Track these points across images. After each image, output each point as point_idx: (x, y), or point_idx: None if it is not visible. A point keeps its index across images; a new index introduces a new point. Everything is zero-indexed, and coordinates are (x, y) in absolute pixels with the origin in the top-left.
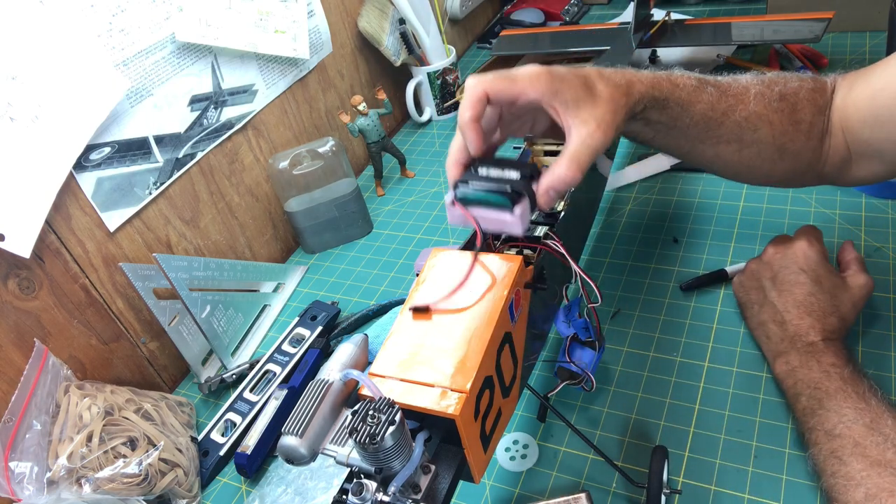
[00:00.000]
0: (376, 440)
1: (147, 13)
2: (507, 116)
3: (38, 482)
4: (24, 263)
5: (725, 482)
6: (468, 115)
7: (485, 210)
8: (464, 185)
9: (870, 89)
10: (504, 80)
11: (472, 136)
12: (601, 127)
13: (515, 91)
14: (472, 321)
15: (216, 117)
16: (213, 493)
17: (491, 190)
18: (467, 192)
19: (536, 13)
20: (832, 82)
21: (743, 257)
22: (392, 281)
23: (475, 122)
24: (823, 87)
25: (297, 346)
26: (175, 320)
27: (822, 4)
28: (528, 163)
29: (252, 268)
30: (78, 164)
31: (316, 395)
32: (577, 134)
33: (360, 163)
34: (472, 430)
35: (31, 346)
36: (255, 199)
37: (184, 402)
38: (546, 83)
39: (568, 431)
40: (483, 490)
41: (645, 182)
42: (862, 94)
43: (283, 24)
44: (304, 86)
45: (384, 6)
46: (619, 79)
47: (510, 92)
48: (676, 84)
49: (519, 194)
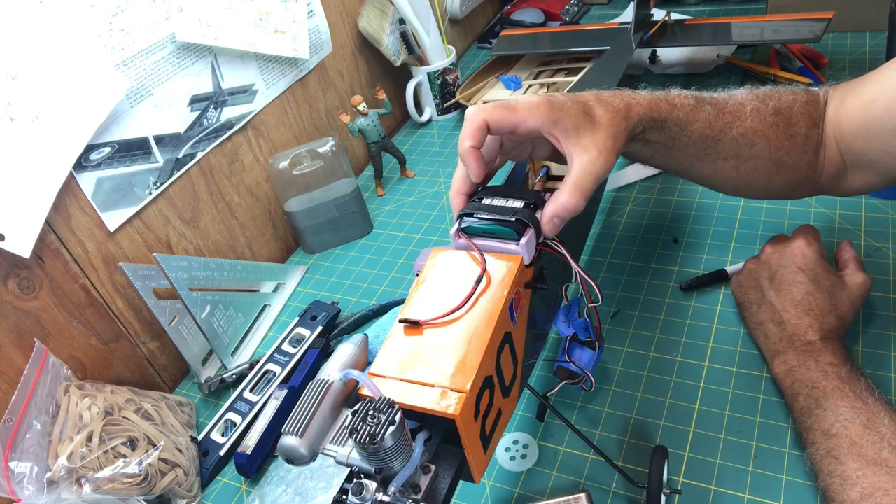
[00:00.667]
0: (376, 440)
1: (147, 13)
2: (508, 144)
3: (38, 482)
4: (24, 263)
5: (725, 482)
6: (468, 143)
7: (490, 241)
8: (468, 217)
9: (861, 101)
10: (504, 110)
11: (474, 165)
12: (602, 153)
13: (515, 120)
14: (472, 321)
15: (216, 117)
16: (213, 493)
17: (496, 221)
18: (472, 224)
19: (536, 13)
20: (824, 94)
21: (743, 257)
22: (392, 281)
23: (476, 151)
24: (816, 100)
25: (297, 346)
26: (175, 320)
27: (822, 4)
28: (533, 190)
29: (252, 268)
30: (78, 164)
31: (316, 395)
32: (580, 161)
33: (360, 163)
34: (472, 430)
35: (31, 346)
36: (255, 199)
37: (184, 402)
38: (545, 112)
39: (568, 431)
40: (483, 490)
41: (645, 182)
42: (854, 105)
43: (283, 24)
44: (304, 86)
45: (384, 6)
46: (618, 103)
47: (510, 122)
48: (674, 104)
49: (524, 224)
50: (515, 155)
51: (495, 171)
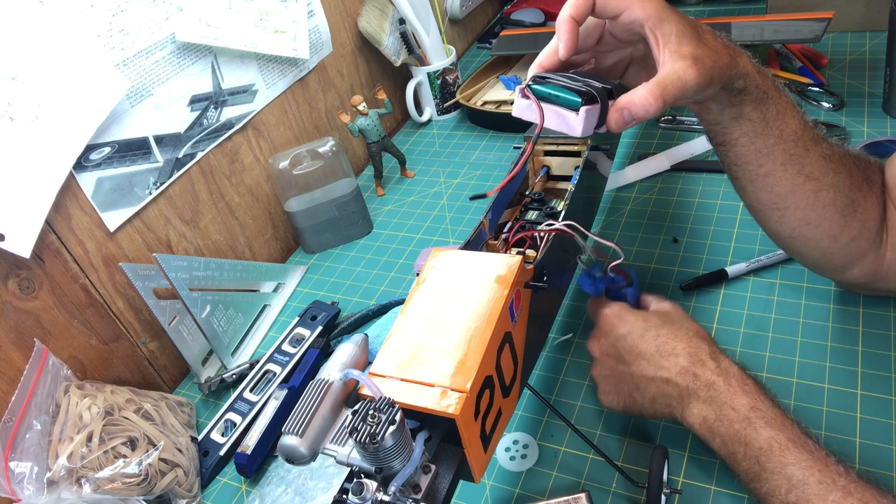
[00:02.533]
0: (376, 440)
1: (147, 13)
2: (607, 43)
3: (38, 482)
4: (24, 263)
5: (725, 482)
6: (569, 12)
7: (553, 106)
8: (540, 81)
9: None
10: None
11: (567, 37)
12: (697, 65)
13: (622, 5)
14: (472, 321)
15: (216, 117)
16: (213, 493)
17: (564, 86)
18: (540, 87)
19: (536, 13)
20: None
21: (743, 257)
22: (392, 281)
23: (574, 23)
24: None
25: (297, 346)
26: (175, 320)
27: (822, 4)
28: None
29: (252, 268)
30: (78, 164)
31: (316, 394)
32: (672, 65)
33: (360, 163)
34: (472, 429)
35: (31, 346)
36: (255, 199)
37: (184, 402)
38: (656, 6)
39: (568, 431)
40: (483, 490)
41: (645, 182)
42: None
43: (283, 24)
44: (304, 86)
45: (384, 6)
46: (730, 43)
47: (617, 5)
48: (778, 88)
49: (592, 98)
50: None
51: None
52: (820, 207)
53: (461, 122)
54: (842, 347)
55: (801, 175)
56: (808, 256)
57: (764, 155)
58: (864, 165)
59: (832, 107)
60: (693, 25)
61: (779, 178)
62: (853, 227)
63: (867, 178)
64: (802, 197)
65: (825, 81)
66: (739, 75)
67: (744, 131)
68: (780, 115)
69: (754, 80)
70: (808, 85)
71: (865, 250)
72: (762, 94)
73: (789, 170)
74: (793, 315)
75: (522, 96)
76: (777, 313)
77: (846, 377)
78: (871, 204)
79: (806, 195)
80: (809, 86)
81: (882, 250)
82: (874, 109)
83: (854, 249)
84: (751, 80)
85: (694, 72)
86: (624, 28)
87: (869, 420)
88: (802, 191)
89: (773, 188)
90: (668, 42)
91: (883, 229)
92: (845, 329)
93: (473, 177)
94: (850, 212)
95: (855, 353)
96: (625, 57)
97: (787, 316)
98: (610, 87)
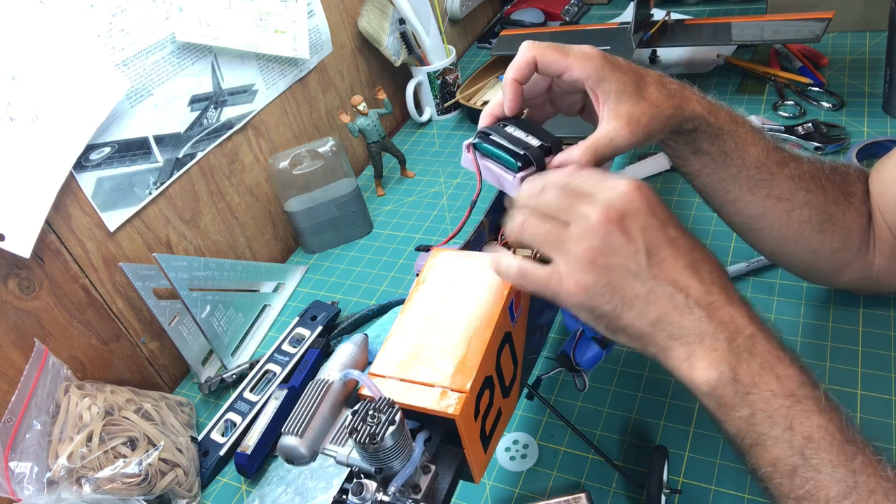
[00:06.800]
0: (376, 440)
1: (147, 13)
2: (557, 90)
3: (38, 482)
4: (24, 263)
5: (725, 482)
6: (511, 75)
7: (493, 164)
8: (485, 136)
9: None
10: (556, 52)
11: (510, 97)
12: (630, 125)
13: (563, 65)
14: (472, 321)
15: (216, 117)
16: (213, 493)
17: (506, 148)
18: (484, 143)
19: (536, 13)
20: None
21: (743, 257)
22: (392, 281)
23: (516, 84)
24: (863, 172)
25: (297, 346)
26: (175, 320)
27: (822, 4)
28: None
29: (252, 268)
30: (78, 164)
31: (316, 395)
32: (606, 126)
33: (360, 163)
34: (472, 430)
35: (31, 346)
36: (255, 199)
37: (184, 402)
38: (596, 67)
39: (568, 431)
40: (483, 490)
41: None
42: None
43: (283, 24)
44: (304, 86)
45: (384, 6)
46: (676, 89)
47: (558, 65)
48: (735, 119)
49: (528, 161)
50: (566, 107)
51: (545, 118)
52: (795, 226)
53: (461, 122)
54: (842, 347)
55: (771, 198)
56: (793, 268)
57: (729, 182)
58: (841, 179)
59: (832, 107)
60: (635, 81)
61: (748, 202)
62: (833, 240)
63: (844, 192)
64: (776, 218)
65: (825, 81)
66: (687, 119)
67: (704, 163)
68: (739, 146)
69: (705, 120)
70: (808, 85)
71: (850, 259)
72: (716, 130)
73: (757, 194)
74: (793, 315)
75: (467, 151)
76: (777, 313)
77: (846, 377)
78: (851, 216)
79: (779, 216)
80: (809, 86)
81: (870, 257)
82: (874, 109)
83: (838, 260)
84: (701, 121)
85: (626, 132)
86: (568, 84)
87: (869, 420)
88: (774, 212)
89: (745, 212)
90: (608, 100)
91: (868, 237)
92: (845, 329)
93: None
94: (829, 227)
95: (855, 353)
96: (578, 100)
97: (787, 316)
98: (548, 144)
